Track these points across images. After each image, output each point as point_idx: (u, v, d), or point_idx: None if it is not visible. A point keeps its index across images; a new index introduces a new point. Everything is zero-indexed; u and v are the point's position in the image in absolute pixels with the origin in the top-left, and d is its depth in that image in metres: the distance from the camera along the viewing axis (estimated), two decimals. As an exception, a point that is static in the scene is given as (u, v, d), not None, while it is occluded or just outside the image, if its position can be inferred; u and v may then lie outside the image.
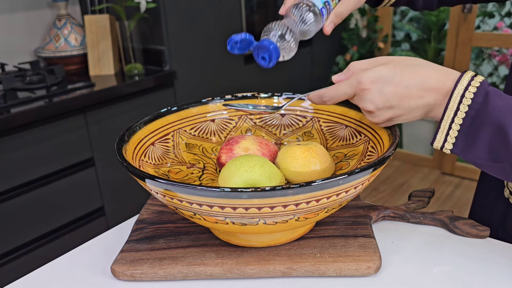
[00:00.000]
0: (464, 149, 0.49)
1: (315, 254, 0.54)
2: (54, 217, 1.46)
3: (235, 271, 0.52)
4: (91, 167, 1.53)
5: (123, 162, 0.52)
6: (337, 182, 0.46)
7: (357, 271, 0.52)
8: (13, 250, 1.38)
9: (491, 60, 2.58)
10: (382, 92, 0.50)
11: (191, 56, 1.79)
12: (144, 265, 0.53)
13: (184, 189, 0.46)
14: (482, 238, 0.58)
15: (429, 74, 0.50)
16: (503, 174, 0.49)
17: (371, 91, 0.51)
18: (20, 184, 1.36)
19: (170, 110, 0.67)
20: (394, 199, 2.30)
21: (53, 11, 1.79)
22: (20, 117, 1.30)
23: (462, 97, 0.48)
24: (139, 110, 1.63)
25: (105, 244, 0.61)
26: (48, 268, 0.57)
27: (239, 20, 1.95)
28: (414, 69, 0.50)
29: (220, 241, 0.57)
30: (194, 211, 0.49)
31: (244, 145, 0.61)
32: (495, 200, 0.67)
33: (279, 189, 0.44)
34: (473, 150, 0.48)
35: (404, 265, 0.54)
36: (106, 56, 1.68)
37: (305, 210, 0.47)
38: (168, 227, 0.61)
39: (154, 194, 0.51)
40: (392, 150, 0.52)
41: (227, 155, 0.61)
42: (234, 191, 0.44)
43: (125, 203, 1.62)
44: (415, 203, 0.65)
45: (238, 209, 0.46)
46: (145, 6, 1.56)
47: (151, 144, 0.63)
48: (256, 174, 0.52)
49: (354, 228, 0.58)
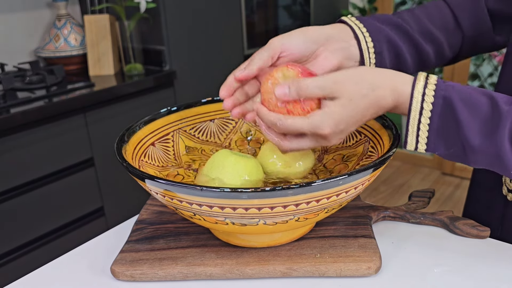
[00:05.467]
0: (438, 147, 0.50)
1: (315, 254, 0.54)
2: (54, 217, 1.46)
3: (235, 272, 0.52)
4: (91, 167, 1.53)
5: (122, 162, 0.52)
6: (337, 183, 0.46)
7: (357, 271, 0.52)
8: (13, 250, 1.38)
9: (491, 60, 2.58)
10: (342, 131, 0.50)
11: (191, 56, 1.79)
12: (144, 266, 0.53)
13: (184, 190, 0.46)
14: (482, 239, 0.58)
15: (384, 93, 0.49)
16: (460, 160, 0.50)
17: (332, 135, 0.50)
18: (20, 184, 1.36)
19: (170, 110, 0.67)
20: (394, 199, 2.30)
21: (53, 11, 1.79)
22: (19, 117, 1.30)
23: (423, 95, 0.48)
24: (139, 110, 1.62)
25: (105, 244, 0.61)
26: (48, 268, 0.57)
27: (239, 20, 1.95)
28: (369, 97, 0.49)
29: (220, 242, 0.57)
30: (194, 212, 0.49)
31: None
32: (492, 199, 0.67)
33: (279, 190, 0.44)
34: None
35: (404, 265, 0.54)
36: (106, 56, 1.67)
37: (305, 210, 0.47)
38: (168, 227, 0.60)
39: (154, 194, 0.51)
40: (393, 150, 0.51)
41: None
42: (234, 191, 0.44)
43: (125, 203, 1.62)
44: (415, 204, 0.65)
45: (238, 209, 0.46)
46: (145, 6, 1.56)
47: (151, 144, 0.63)
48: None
49: (354, 228, 0.58)
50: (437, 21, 0.65)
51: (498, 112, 0.46)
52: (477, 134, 0.46)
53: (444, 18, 0.66)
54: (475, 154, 0.48)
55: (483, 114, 0.47)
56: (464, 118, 0.47)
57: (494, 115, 0.46)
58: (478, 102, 0.47)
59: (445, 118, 0.48)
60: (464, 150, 0.48)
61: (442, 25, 0.66)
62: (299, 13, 2.24)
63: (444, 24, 0.66)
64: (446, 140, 0.49)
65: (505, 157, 0.46)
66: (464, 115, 0.47)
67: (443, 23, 0.66)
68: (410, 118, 0.49)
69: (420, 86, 0.48)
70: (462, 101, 0.47)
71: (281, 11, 2.16)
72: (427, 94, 0.48)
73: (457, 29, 0.66)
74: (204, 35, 1.82)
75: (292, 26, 2.21)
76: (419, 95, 0.48)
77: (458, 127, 0.47)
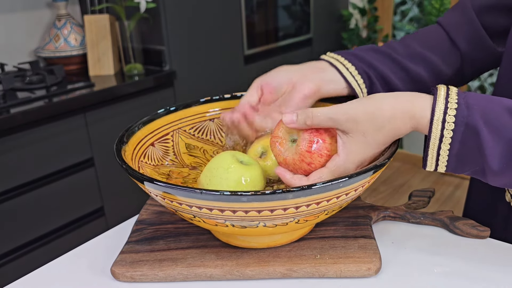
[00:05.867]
0: (458, 169, 0.49)
1: (315, 255, 0.54)
2: (54, 217, 1.46)
3: (235, 273, 0.52)
4: (91, 167, 1.53)
5: (122, 164, 0.52)
6: (338, 185, 0.46)
7: (357, 272, 0.52)
8: (13, 250, 1.38)
9: (491, 60, 2.58)
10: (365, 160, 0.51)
11: (191, 56, 1.79)
12: (144, 267, 0.53)
13: (183, 192, 0.46)
14: (482, 239, 0.58)
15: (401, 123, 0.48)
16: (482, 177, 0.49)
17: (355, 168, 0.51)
18: (20, 184, 1.36)
19: (168, 110, 0.67)
20: (394, 199, 2.30)
21: (53, 11, 1.79)
22: (19, 117, 1.30)
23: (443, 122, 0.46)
24: (139, 110, 1.62)
25: (105, 244, 0.61)
26: (48, 268, 0.57)
27: (239, 20, 1.95)
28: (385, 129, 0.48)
29: (220, 243, 0.57)
30: (194, 214, 0.48)
31: None
32: (495, 202, 0.67)
33: (279, 193, 0.44)
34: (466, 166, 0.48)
35: (404, 265, 0.54)
36: (106, 56, 1.67)
37: (305, 212, 0.47)
38: (168, 228, 0.60)
39: (153, 196, 0.51)
40: (392, 152, 0.51)
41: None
42: (233, 194, 0.44)
43: (125, 203, 1.62)
44: (415, 203, 0.65)
45: (238, 212, 0.46)
46: (145, 6, 1.56)
47: (151, 145, 0.63)
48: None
49: (354, 229, 0.58)
50: (429, 42, 0.66)
51: None
52: (498, 159, 0.45)
53: (438, 39, 0.66)
54: (496, 177, 0.47)
55: (509, 136, 0.45)
56: (487, 144, 0.45)
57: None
58: (503, 124, 0.45)
59: (467, 143, 0.46)
60: (485, 172, 0.47)
61: (435, 45, 0.66)
62: (299, 13, 2.24)
63: (437, 44, 0.66)
64: (467, 163, 0.48)
65: None
66: (487, 141, 0.45)
67: (436, 43, 0.66)
68: (430, 145, 0.47)
69: (440, 111, 0.46)
70: (486, 125, 0.45)
71: (281, 11, 2.16)
72: (447, 121, 0.46)
73: (453, 47, 0.66)
74: (204, 35, 1.82)
75: (292, 26, 2.21)
76: (439, 123, 0.46)
77: (480, 152, 0.45)
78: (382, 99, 0.49)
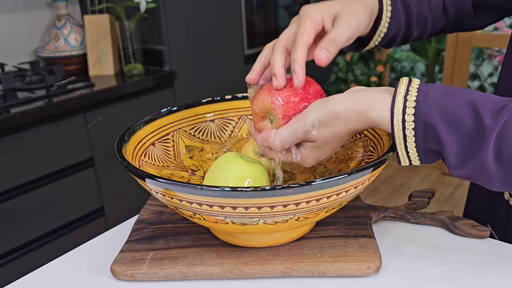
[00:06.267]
0: (431, 160, 0.49)
1: (315, 254, 0.54)
2: (54, 217, 1.46)
3: (235, 271, 0.52)
4: (91, 167, 1.53)
5: (123, 161, 0.52)
6: (337, 182, 0.46)
7: (357, 271, 0.52)
8: (13, 250, 1.38)
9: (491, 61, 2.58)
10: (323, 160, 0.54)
11: (191, 56, 1.79)
12: (144, 265, 0.53)
13: (184, 189, 0.46)
14: (482, 238, 0.58)
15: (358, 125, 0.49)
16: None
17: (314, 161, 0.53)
18: (20, 184, 1.36)
19: (170, 110, 0.67)
20: (394, 199, 2.30)
21: (53, 11, 1.79)
22: (19, 117, 1.30)
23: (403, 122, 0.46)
24: (139, 110, 1.63)
25: (105, 244, 0.61)
26: (48, 268, 0.57)
27: (239, 20, 1.95)
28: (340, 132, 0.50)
29: (220, 241, 0.57)
30: (194, 211, 0.49)
31: None
32: (494, 201, 0.67)
33: (279, 189, 0.44)
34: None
35: (404, 265, 0.54)
36: (106, 56, 1.68)
37: (305, 209, 0.47)
38: (168, 227, 0.60)
39: (154, 194, 0.51)
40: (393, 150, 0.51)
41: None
42: (234, 190, 0.44)
43: (125, 203, 1.62)
44: (415, 204, 0.65)
45: (238, 208, 0.46)
46: (145, 6, 1.56)
47: (151, 144, 0.63)
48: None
49: (354, 228, 0.58)
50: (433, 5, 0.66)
51: (482, 128, 0.43)
52: (456, 155, 0.45)
53: (438, 4, 0.67)
54: (456, 171, 0.47)
55: (467, 132, 0.44)
56: (445, 141, 0.45)
57: (478, 132, 0.44)
58: (461, 117, 0.44)
59: (429, 141, 0.46)
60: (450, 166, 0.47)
61: (435, 10, 0.66)
62: (299, 13, 2.24)
63: (436, 8, 0.66)
64: (436, 156, 0.48)
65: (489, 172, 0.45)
66: (445, 138, 0.45)
67: (436, 8, 0.66)
68: (397, 144, 0.48)
69: (398, 112, 0.46)
70: (444, 121, 0.45)
71: (281, 11, 2.16)
72: (407, 121, 0.46)
73: (444, 15, 0.67)
74: (204, 35, 1.82)
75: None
76: (399, 123, 0.46)
77: (441, 147, 0.46)
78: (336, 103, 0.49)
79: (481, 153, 0.44)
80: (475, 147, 0.44)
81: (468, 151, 0.45)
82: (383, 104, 0.47)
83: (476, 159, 0.44)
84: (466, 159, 0.45)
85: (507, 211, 0.65)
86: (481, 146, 0.43)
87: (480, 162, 0.44)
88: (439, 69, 2.77)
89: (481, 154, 0.44)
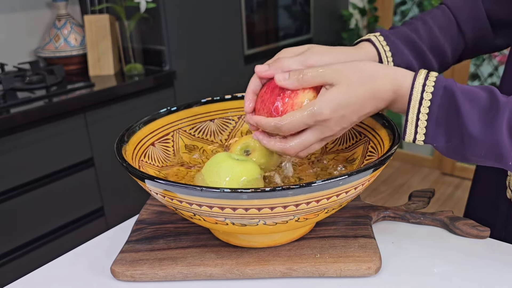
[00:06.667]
0: (436, 138, 0.50)
1: (315, 254, 0.54)
2: (54, 217, 1.46)
3: (235, 272, 0.52)
4: (91, 167, 1.53)
5: (122, 162, 0.52)
6: (337, 183, 0.46)
7: (357, 271, 0.52)
8: (13, 250, 1.38)
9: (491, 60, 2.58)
10: (343, 116, 0.50)
11: (191, 56, 1.79)
12: (144, 266, 0.53)
13: (184, 190, 0.46)
14: (482, 239, 0.58)
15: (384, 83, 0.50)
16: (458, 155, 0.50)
17: (333, 120, 0.50)
18: (20, 184, 1.36)
19: (169, 110, 0.67)
20: (394, 199, 2.30)
21: (53, 11, 1.79)
22: (19, 117, 1.30)
23: (424, 86, 0.49)
24: (139, 110, 1.62)
25: (105, 244, 0.61)
26: (48, 268, 0.57)
27: (239, 20, 1.95)
28: (368, 85, 0.50)
29: (220, 242, 0.57)
30: (194, 212, 0.48)
31: None
32: (495, 200, 0.67)
33: (279, 190, 0.44)
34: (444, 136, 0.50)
35: (404, 265, 0.54)
36: (106, 56, 1.67)
37: (305, 210, 0.47)
38: (168, 228, 0.60)
39: (153, 194, 0.51)
40: (392, 150, 0.51)
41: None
42: (234, 191, 0.44)
43: (125, 203, 1.62)
44: (415, 204, 0.65)
45: (238, 209, 0.46)
46: (145, 6, 1.56)
47: (151, 145, 0.63)
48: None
49: (354, 228, 0.58)
50: (445, 30, 0.66)
51: (496, 103, 0.47)
52: (476, 123, 0.47)
53: (450, 26, 0.66)
54: (474, 144, 0.48)
55: (482, 104, 0.47)
56: (464, 108, 0.47)
57: (493, 106, 0.47)
58: (477, 94, 0.48)
59: (445, 108, 0.48)
60: (463, 140, 0.48)
61: (448, 33, 0.66)
62: (299, 13, 2.24)
63: (449, 32, 0.66)
64: (445, 130, 0.49)
65: (504, 147, 0.46)
66: (464, 105, 0.47)
67: (449, 31, 0.66)
68: (410, 107, 0.49)
69: (421, 77, 0.49)
70: (462, 93, 0.48)
71: (281, 11, 2.16)
72: (427, 85, 0.49)
73: (460, 35, 0.67)
74: (204, 35, 1.82)
75: (292, 26, 2.21)
76: (419, 86, 0.49)
77: (457, 116, 0.48)
78: (368, 62, 0.51)
79: (496, 126, 0.46)
80: (491, 120, 0.46)
81: (484, 122, 0.47)
82: (408, 72, 0.51)
83: (492, 132, 0.46)
84: (484, 130, 0.47)
85: (508, 209, 0.65)
86: (495, 119, 0.46)
87: (495, 136, 0.46)
88: (439, 69, 2.76)
89: (496, 127, 0.46)
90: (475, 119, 0.47)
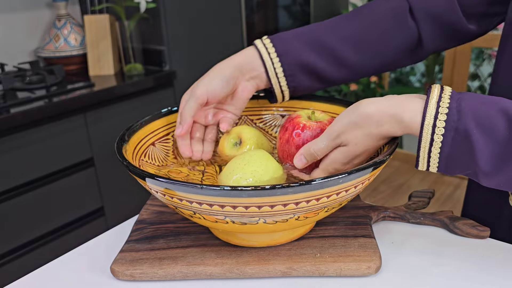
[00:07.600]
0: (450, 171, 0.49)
1: (315, 254, 0.54)
2: (54, 217, 1.46)
3: (235, 271, 0.52)
4: (91, 167, 1.53)
5: (123, 161, 0.52)
6: (337, 181, 0.46)
7: (357, 271, 0.52)
8: (13, 250, 1.38)
9: (491, 61, 2.58)
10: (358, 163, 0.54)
11: (191, 56, 1.79)
12: (144, 265, 0.53)
13: (184, 188, 0.46)
14: (482, 239, 0.58)
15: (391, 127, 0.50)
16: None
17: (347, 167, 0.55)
18: (20, 184, 1.36)
19: (170, 110, 0.67)
20: (394, 199, 2.30)
21: (53, 11, 1.79)
22: (19, 117, 1.30)
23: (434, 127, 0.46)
24: (139, 110, 1.63)
25: (105, 244, 0.61)
26: (48, 268, 0.57)
27: (239, 20, 1.95)
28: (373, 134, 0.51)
29: (220, 241, 0.57)
30: (194, 210, 0.49)
31: None
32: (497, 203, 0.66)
33: (279, 188, 0.44)
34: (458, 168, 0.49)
35: (404, 265, 0.54)
36: (106, 56, 1.68)
37: (305, 209, 0.47)
38: (168, 227, 0.60)
39: (154, 193, 0.51)
40: (392, 149, 0.51)
41: None
42: (234, 189, 0.44)
43: (125, 203, 1.62)
44: (415, 204, 0.65)
45: (238, 207, 0.46)
46: (145, 6, 1.56)
47: (151, 144, 0.63)
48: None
49: (354, 228, 0.58)
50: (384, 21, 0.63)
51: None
52: (489, 160, 0.45)
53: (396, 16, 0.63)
54: (488, 178, 0.47)
55: (499, 137, 0.44)
56: (477, 145, 0.45)
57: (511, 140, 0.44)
58: (495, 125, 0.45)
59: (457, 147, 0.46)
60: (477, 174, 0.47)
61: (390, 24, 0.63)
62: (299, 13, 2.24)
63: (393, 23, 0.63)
64: (458, 165, 0.48)
65: None
66: (478, 142, 0.45)
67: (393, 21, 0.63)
68: (421, 147, 0.48)
69: (430, 116, 0.46)
70: (478, 126, 0.45)
71: (281, 11, 2.16)
72: (438, 127, 0.46)
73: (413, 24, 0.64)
74: (204, 35, 1.82)
75: (292, 26, 2.21)
76: (429, 127, 0.46)
77: (470, 155, 0.46)
78: (367, 105, 0.50)
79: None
80: (508, 154, 0.44)
81: (500, 157, 0.45)
82: (416, 106, 0.48)
83: (509, 166, 0.45)
84: (498, 166, 0.45)
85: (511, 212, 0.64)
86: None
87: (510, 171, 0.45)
88: (439, 69, 2.77)
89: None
90: (488, 156, 0.45)
